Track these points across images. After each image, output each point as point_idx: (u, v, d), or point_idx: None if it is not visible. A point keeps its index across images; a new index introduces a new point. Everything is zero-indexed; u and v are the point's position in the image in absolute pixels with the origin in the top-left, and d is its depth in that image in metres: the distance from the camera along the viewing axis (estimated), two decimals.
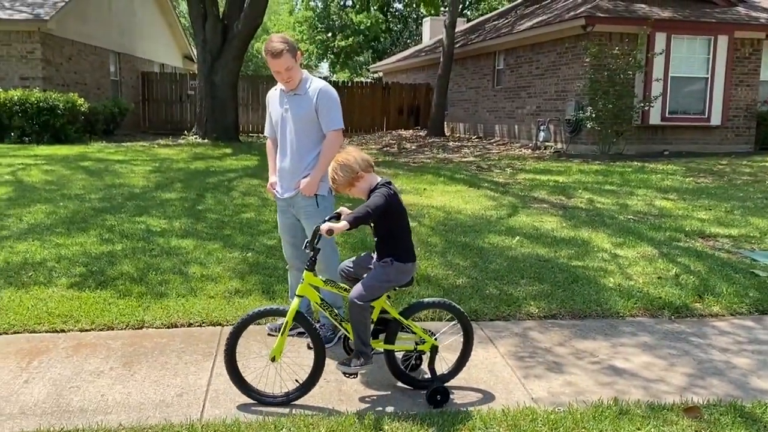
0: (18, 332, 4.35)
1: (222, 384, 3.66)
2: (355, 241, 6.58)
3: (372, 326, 3.56)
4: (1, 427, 3.16)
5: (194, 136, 17.13)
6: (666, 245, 6.71)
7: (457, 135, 21.61)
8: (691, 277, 5.71)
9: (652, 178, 10.97)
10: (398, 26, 38.32)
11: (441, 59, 20.19)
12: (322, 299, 3.62)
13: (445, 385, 3.61)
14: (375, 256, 3.59)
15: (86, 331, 4.40)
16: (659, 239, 6.94)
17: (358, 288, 3.43)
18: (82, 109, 15.87)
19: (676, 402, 3.53)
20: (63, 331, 4.39)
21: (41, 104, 14.76)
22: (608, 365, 4.06)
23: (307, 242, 3.54)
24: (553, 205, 8.79)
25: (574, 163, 13.02)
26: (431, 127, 20.91)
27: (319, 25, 37.73)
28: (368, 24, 35.87)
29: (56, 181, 9.49)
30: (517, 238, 6.85)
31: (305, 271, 3.54)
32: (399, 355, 3.74)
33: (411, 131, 23.13)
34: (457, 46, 20.61)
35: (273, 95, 4.26)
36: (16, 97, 14.71)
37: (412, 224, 7.27)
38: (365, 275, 3.56)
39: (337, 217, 3.65)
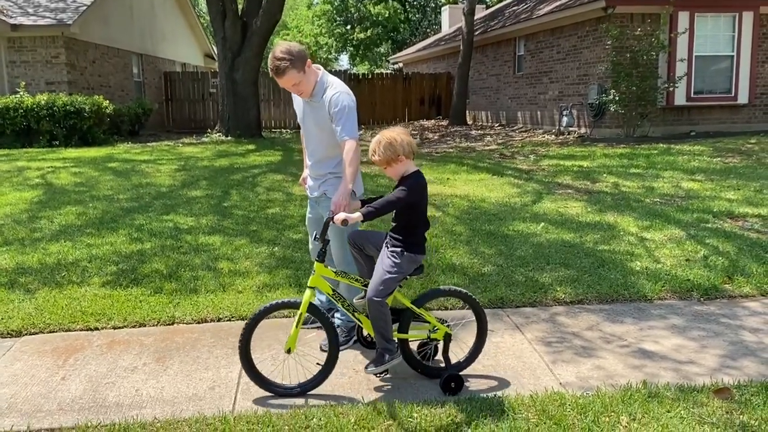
0: (53, 331, 4.46)
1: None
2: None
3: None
4: (40, 424, 3.25)
5: (217, 134, 17.29)
6: (694, 227, 6.63)
7: (479, 123, 21.51)
8: (720, 258, 5.64)
9: (678, 160, 10.83)
10: (417, 16, 38.15)
11: (461, 47, 20.09)
12: (334, 290, 3.64)
13: (471, 371, 3.63)
14: (388, 240, 3.58)
15: (119, 328, 4.50)
16: (687, 221, 6.86)
17: (373, 285, 3.44)
18: (108, 111, 16.11)
19: (706, 384, 3.51)
20: (97, 328, 4.49)
21: (68, 108, 15.01)
22: (637, 348, 4.05)
23: (317, 233, 3.58)
24: (578, 190, 8.73)
25: (598, 147, 12.89)
26: (453, 116, 20.83)
27: (338, 18, 37.73)
28: (386, 15, 35.77)
29: (85, 182, 9.66)
30: (542, 224, 6.83)
31: (316, 262, 3.57)
32: (414, 345, 3.76)
33: (433, 121, 23.07)
34: (477, 33, 20.49)
35: (297, 98, 4.14)
36: (43, 102, 14.96)
37: (437, 214, 7.33)
38: (372, 261, 3.58)
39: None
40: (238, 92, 16.62)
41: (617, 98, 13.89)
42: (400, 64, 32.77)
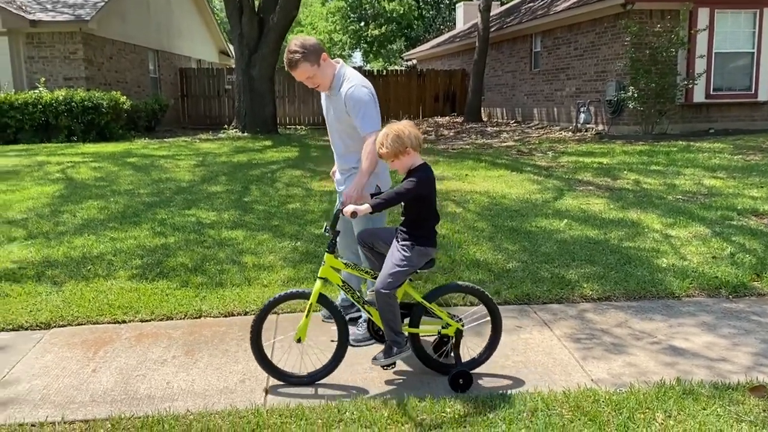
0: (81, 323, 4.48)
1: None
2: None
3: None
4: (74, 415, 3.27)
5: (234, 130, 17.34)
6: (718, 224, 6.57)
7: (495, 120, 21.43)
8: (747, 255, 5.59)
9: (699, 157, 10.73)
10: (431, 12, 38.06)
11: (477, 44, 20.00)
12: (344, 282, 3.64)
13: (500, 368, 3.60)
14: (398, 234, 3.57)
15: (146, 321, 4.51)
16: (711, 218, 6.80)
17: (382, 277, 3.43)
18: (125, 107, 16.19)
19: (741, 381, 3.47)
20: (124, 321, 4.50)
21: (86, 103, 15.09)
22: (668, 345, 4.01)
23: (327, 225, 3.59)
24: (599, 187, 8.67)
25: (617, 145, 12.80)
26: (468, 113, 20.77)
27: (352, 15, 37.72)
28: (401, 12, 35.70)
29: (105, 177, 9.70)
30: (565, 220, 6.79)
31: (326, 253, 3.57)
32: (430, 340, 3.74)
33: (447, 118, 23.00)
34: (493, 29, 20.40)
35: (322, 93, 4.14)
36: (61, 97, 15.05)
37: (457, 210, 7.30)
38: (384, 257, 3.55)
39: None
40: (254, 88, 16.66)
41: (636, 95, 13.79)
42: (414, 61, 32.70)
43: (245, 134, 16.61)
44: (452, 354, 3.66)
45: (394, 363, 3.56)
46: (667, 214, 6.99)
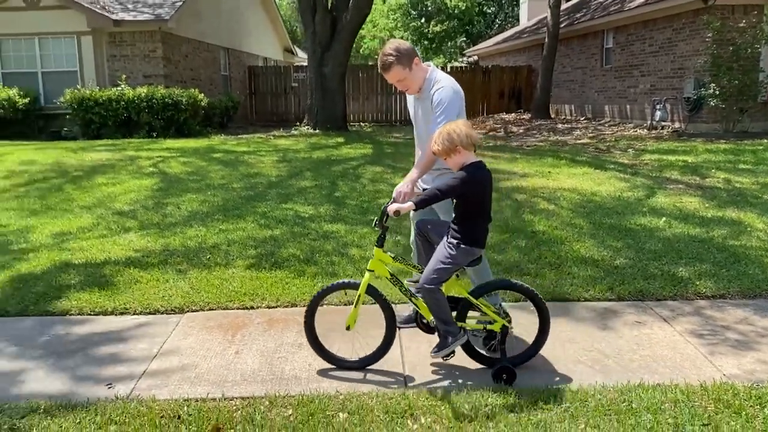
0: (212, 309, 4.74)
1: (413, 356, 3.89)
2: None
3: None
4: (231, 392, 3.49)
5: (306, 127, 17.64)
6: None
7: (563, 117, 21.22)
8: None
9: None
10: (492, 9, 37.84)
11: (546, 40, 19.83)
12: (391, 275, 3.75)
13: (629, 360, 3.66)
14: (449, 231, 3.63)
15: (273, 307, 4.74)
16: None
17: (427, 273, 3.53)
18: (202, 104, 16.69)
19: None
20: (252, 307, 4.74)
21: (166, 100, 15.63)
22: None
23: (376, 220, 3.69)
24: (689, 185, 8.56)
25: (697, 143, 12.56)
26: (536, 110, 20.63)
27: (413, 12, 37.80)
28: (463, 8, 35.59)
29: (196, 172, 10.07)
30: (664, 218, 6.76)
31: (375, 247, 3.71)
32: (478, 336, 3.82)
33: (513, 114, 22.89)
34: (562, 26, 20.19)
35: (409, 95, 4.25)
36: (143, 94, 15.63)
37: (550, 207, 7.34)
38: (433, 251, 3.66)
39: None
40: (326, 86, 16.91)
41: (718, 92, 13.49)
42: (474, 57, 32.57)
43: (317, 131, 16.89)
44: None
45: (453, 351, 3.62)
46: (766, 214, 6.88)
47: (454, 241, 3.55)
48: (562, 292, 4.86)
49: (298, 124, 18.79)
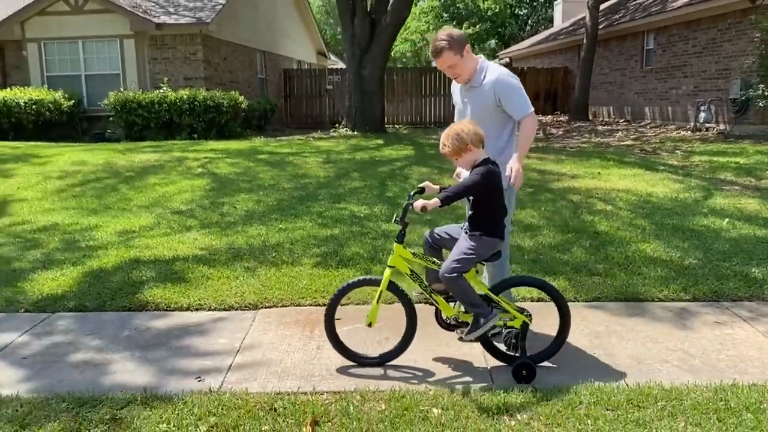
0: (285, 305, 4.78)
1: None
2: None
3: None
4: (321, 387, 3.51)
5: (344, 129, 17.73)
6: None
7: (601, 118, 21.04)
8: None
9: None
10: (524, 11, 37.70)
11: (584, 41, 19.70)
12: (412, 271, 3.74)
13: (716, 360, 3.61)
14: (466, 227, 3.65)
15: (345, 305, 4.75)
16: None
17: (447, 263, 3.54)
18: (243, 107, 16.85)
19: None
20: (324, 304, 4.73)
21: (208, 102, 15.81)
22: None
23: (396, 216, 3.69)
24: (745, 186, 8.43)
25: (746, 144, 12.37)
26: (574, 111, 20.48)
27: (444, 15, 37.79)
28: (496, 10, 35.50)
29: (245, 172, 10.17)
30: (727, 219, 6.67)
31: (395, 243, 3.71)
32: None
33: (550, 116, 22.75)
34: (600, 27, 20.02)
35: (455, 87, 4.26)
36: (185, 97, 15.82)
37: (606, 208, 7.28)
38: (452, 247, 3.65)
39: (421, 192, 3.84)
40: (364, 88, 16.97)
41: (767, 93, 13.26)
42: (507, 59, 32.45)
43: (355, 133, 16.95)
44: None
45: (487, 332, 3.61)
46: None
47: (477, 233, 3.59)
48: (635, 292, 4.82)
49: (337, 126, 18.88)
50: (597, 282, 5.04)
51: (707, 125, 15.43)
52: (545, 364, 3.72)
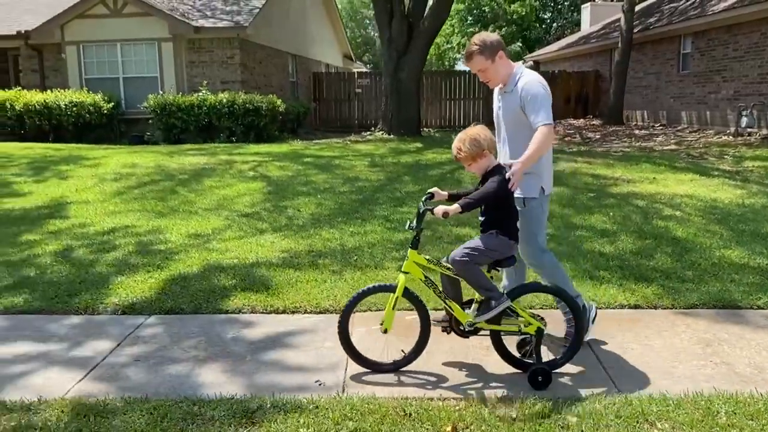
0: (380, 309, 4.74)
1: (608, 357, 3.86)
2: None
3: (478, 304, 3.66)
4: (453, 393, 3.51)
5: (380, 132, 17.74)
6: None
7: (635, 122, 20.92)
8: None
9: None
10: (550, 14, 37.62)
11: (619, 45, 19.60)
12: (426, 277, 3.74)
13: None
14: (483, 226, 3.68)
15: (438, 309, 4.74)
16: None
17: (459, 249, 3.58)
18: (280, 110, 16.93)
19: None
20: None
21: (247, 106, 15.89)
22: None
23: (410, 222, 3.68)
24: None
25: None
26: (609, 115, 20.37)
27: (469, 18, 37.79)
28: (522, 13, 35.45)
29: (296, 175, 10.20)
30: None
31: (410, 249, 3.71)
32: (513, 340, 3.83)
33: (582, 120, 22.66)
34: (635, 30, 19.92)
35: (495, 92, 4.23)
36: (224, 100, 15.91)
37: (675, 213, 7.24)
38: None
39: (430, 198, 3.85)
40: (401, 91, 16.98)
41: None
42: (531, 62, 32.36)
43: (391, 136, 16.95)
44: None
45: (497, 314, 3.60)
46: None
47: (494, 231, 3.61)
48: (732, 300, 4.78)
49: (373, 129, 18.89)
50: (691, 288, 5.00)
51: (749, 130, 15.29)
52: (661, 368, 3.70)
